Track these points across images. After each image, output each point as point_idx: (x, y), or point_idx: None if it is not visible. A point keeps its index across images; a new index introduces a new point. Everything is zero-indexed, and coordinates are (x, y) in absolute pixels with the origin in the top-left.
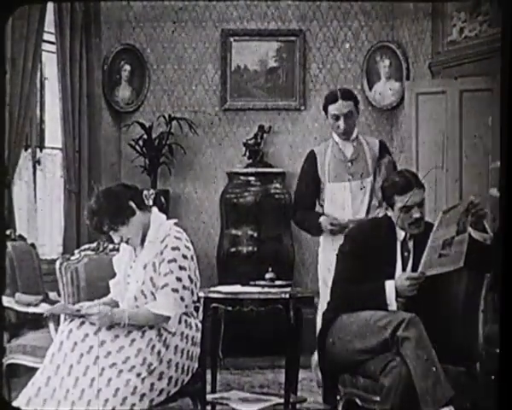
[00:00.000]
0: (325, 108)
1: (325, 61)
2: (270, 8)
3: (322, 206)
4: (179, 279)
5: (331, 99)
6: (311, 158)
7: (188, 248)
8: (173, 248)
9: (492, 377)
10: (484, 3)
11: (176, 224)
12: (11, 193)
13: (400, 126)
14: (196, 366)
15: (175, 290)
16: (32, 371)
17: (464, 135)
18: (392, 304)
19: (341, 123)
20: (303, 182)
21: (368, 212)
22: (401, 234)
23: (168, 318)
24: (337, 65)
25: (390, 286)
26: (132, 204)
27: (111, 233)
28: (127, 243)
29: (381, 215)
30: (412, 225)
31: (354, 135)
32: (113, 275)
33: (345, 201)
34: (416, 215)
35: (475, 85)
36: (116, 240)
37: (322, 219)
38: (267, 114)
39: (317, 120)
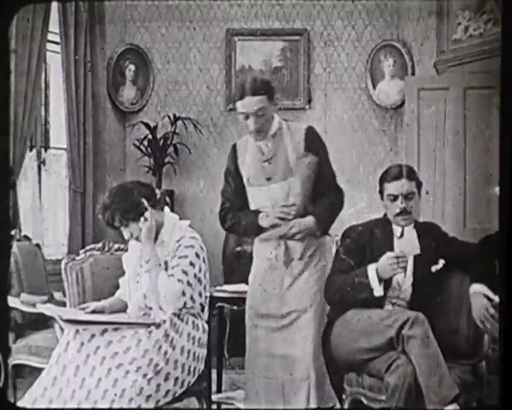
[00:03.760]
0: (234, 104)
1: (329, 61)
2: (275, 7)
3: None
4: (185, 273)
5: (238, 94)
6: (232, 155)
7: (202, 248)
8: (187, 247)
9: None
10: (488, 2)
11: (189, 225)
12: (16, 193)
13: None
14: (202, 367)
15: (180, 281)
16: (36, 371)
17: (467, 132)
18: (376, 287)
19: (251, 122)
20: (227, 182)
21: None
22: (397, 230)
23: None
24: (341, 64)
25: (371, 269)
26: (145, 202)
27: (121, 229)
28: (137, 239)
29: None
30: (398, 216)
31: (272, 131)
32: (119, 275)
33: (264, 208)
34: (401, 205)
35: (478, 83)
36: (126, 236)
37: (261, 214)
38: None
39: (321, 119)
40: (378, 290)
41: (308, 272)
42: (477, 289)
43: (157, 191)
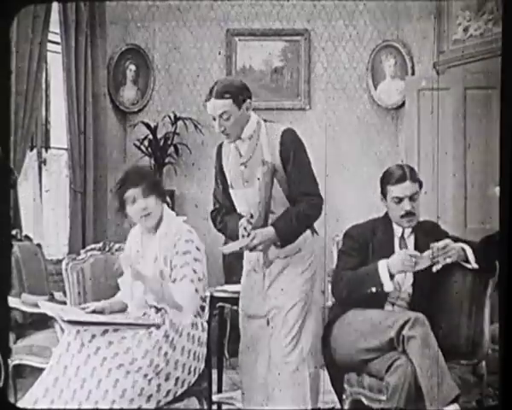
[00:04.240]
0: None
1: (330, 61)
2: (275, 7)
3: None
4: (195, 271)
5: (206, 97)
6: (218, 155)
7: (199, 241)
8: (187, 241)
9: None
10: (489, 2)
11: (184, 222)
12: (17, 193)
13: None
14: (203, 366)
15: (192, 281)
16: (37, 371)
17: (467, 132)
18: (387, 282)
19: (216, 125)
20: (216, 183)
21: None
22: (398, 230)
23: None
24: (342, 64)
25: (382, 265)
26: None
27: (128, 206)
28: (145, 216)
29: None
30: (403, 218)
31: (248, 133)
32: (119, 275)
33: (245, 212)
34: (407, 208)
35: (478, 83)
36: (131, 213)
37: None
38: (272, 114)
39: (322, 119)
40: (388, 286)
41: (289, 269)
42: (464, 246)
43: None
